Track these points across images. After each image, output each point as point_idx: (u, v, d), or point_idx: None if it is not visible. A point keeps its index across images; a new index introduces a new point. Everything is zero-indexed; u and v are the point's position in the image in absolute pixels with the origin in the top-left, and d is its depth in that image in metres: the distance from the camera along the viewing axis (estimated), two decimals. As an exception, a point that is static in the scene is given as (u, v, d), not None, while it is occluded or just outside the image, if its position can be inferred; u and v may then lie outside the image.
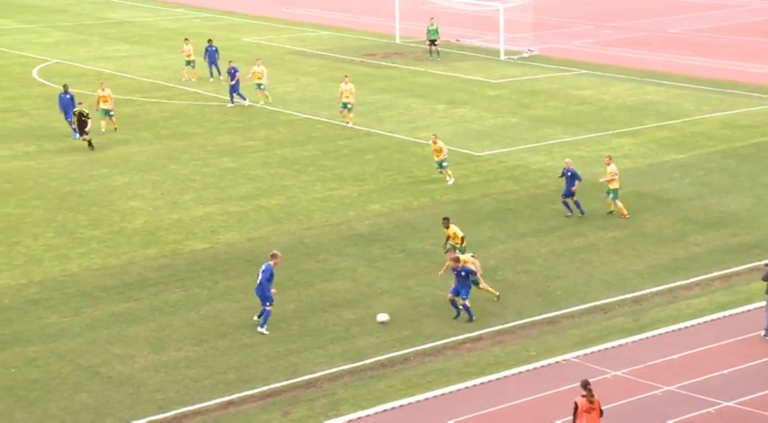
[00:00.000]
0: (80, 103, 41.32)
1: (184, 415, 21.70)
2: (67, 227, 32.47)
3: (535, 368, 23.87)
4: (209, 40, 54.78)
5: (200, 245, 31.21)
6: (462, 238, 29.12)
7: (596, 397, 19.28)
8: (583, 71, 58.46)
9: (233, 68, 48.42)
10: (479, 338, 25.41)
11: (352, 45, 66.70)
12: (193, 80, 53.65)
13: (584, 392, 19.27)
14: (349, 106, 45.03)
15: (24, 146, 41.38)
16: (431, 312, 26.82)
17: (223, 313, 26.51)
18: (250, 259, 30.05)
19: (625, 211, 34.02)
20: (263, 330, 25.35)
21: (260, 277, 25.47)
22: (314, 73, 57.14)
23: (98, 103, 43.50)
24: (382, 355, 24.42)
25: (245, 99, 48.66)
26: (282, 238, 31.89)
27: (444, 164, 37.17)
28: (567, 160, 34.69)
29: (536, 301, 27.64)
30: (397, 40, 67.52)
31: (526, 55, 62.86)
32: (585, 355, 24.48)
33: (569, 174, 33.81)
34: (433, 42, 61.32)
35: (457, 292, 26.36)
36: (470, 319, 26.14)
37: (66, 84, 44.37)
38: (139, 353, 24.34)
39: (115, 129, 43.40)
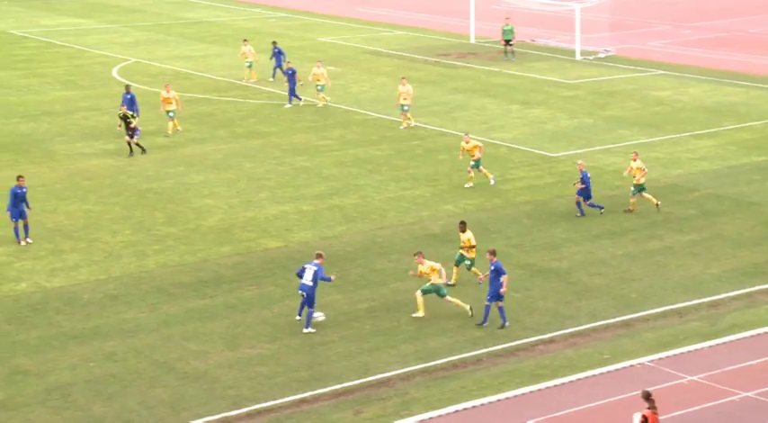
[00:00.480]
0: (123, 106, 41.12)
1: (257, 412, 21.90)
2: (145, 224, 32.96)
3: (609, 371, 23.66)
4: (274, 42, 54.88)
5: (274, 243, 31.47)
6: (473, 247, 28.09)
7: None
8: (660, 72, 57.75)
9: (291, 69, 48.66)
10: (552, 341, 25.26)
11: (426, 45, 66.68)
12: (252, 81, 53.75)
13: (648, 404, 18.97)
14: (405, 108, 44.82)
15: (104, 144, 42.09)
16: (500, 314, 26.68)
17: (296, 311, 26.68)
18: (325, 258, 30.15)
19: (655, 200, 34.03)
20: (310, 330, 25.39)
21: (312, 277, 25.39)
22: (389, 73, 57.24)
23: (163, 105, 43.60)
24: (455, 355, 24.40)
25: (300, 99, 48.81)
26: (355, 237, 32.02)
27: (479, 164, 36.46)
28: (578, 161, 34.23)
29: (610, 303, 27.39)
30: (472, 41, 67.35)
31: (602, 55, 62.27)
32: (660, 359, 24.20)
33: (581, 176, 33.57)
34: (508, 42, 61.04)
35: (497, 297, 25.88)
36: (503, 325, 25.70)
37: (128, 84, 44.70)
38: (214, 349, 24.63)
39: (177, 130, 43.50)
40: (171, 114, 43.43)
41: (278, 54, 53.95)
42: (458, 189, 36.58)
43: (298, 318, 26.01)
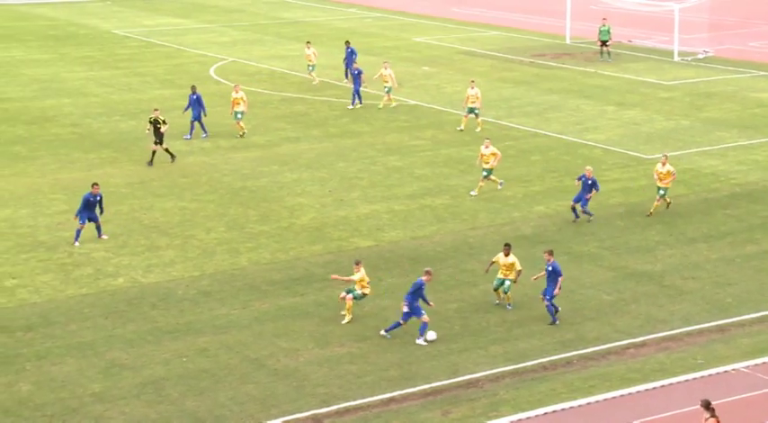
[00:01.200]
0: (156, 110, 40.06)
1: (347, 410, 22.00)
2: (238, 221, 33.37)
3: (702, 377, 23.23)
4: (347, 42, 54.56)
5: (365, 242, 31.59)
6: (519, 271, 26.69)
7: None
8: (761, 73, 56.48)
9: (358, 70, 48.48)
10: (644, 344, 24.90)
11: (521, 45, 66.29)
12: (315, 83, 53.03)
13: (708, 414, 18.51)
14: (477, 111, 44.20)
15: (200, 142, 42.71)
16: (594, 316, 26.43)
17: (386, 311, 26.76)
18: (414, 258, 30.24)
19: (669, 200, 33.48)
20: (421, 342, 24.79)
21: (413, 290, 24.93)
22: (483, 73, 57.04)
23: (232, 106, 43.37)
24: (544, 357, 24.21)
25: (361, 102, 48.48)
26: (447, 237, 31.97)
27: (491, 173, 34.79)
28: (587, 167, 33.34)
29: (704, 308, 26.90)
30: (568, 41, 66.73)
31: (701, 56, 61.16)
32: (756, 365, 23.68)
33: (589, 182, 32.54)
34: (604, 43, 60.35)
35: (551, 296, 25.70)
36: (553, 321, 25.48)
37: (194, 85, 44.51)
38: (304, 347, 24.81)
39: (242, 134, 43.04)
40: (239, 116, 43.09)
41: (350, 54, 53.35)
42: (550, 190, 36.28)
43: (387, 334, 25.19)
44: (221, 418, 21.68)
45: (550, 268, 25.74)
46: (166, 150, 39.63)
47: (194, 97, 42.87)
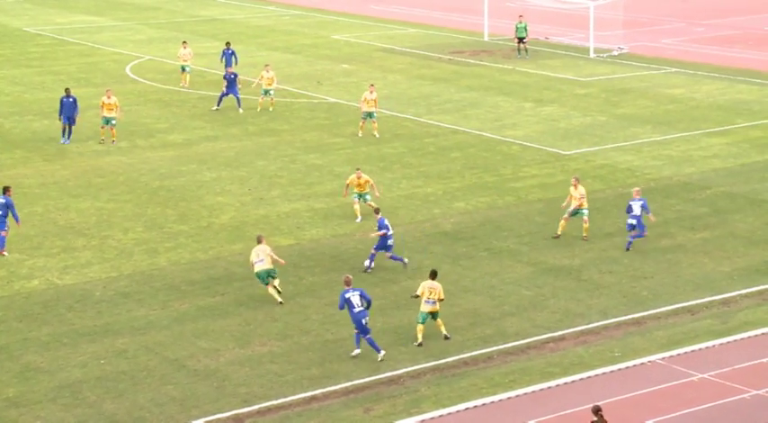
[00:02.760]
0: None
1: (268, 409, 21.94)
2: (157, 221, 33.05)
3: (620, 369, 23.63)
4: (227, 43, 53.10)
5: (285, 241, 31.51)
6: (441, 300, 24.92)
7: None
8: (674, 70, 57.58)
9: (233, 74, 46.88)
10: (562, 338, 25.24)
11: (439, 43, 66.65)
12: (184, 85, 51.66)
13: (596, 418, 18.83)
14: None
15: (117, 141, 42.16)
16: (514, 311, 26.72)
17: (307, 309, 26.74)
18: (335, 256, 30.26)
19: (587, 225, 31.53)
20: (382, 355, 24.04)
21: (361, 301, 24.09)
22: (402, 70, 57.24)
23: (102, 110, 41.65)
24: (465, 353, 24.40)
25: (240, 105, 46.97)
26: (367, 234, 31.98)
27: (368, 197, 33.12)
28: (635, 188, 31.70)
29: (621, 301, 27.35)
30: (486, 38, 67.28)
31: (616, 53, 62.13)
32: (671, 356, 24.16)
33: (639, 203, 30.64)
34: (521, 40, 60.96)
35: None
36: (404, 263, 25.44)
37: (68, 87, 43.23)
38: (225, 347, 24.68)
39: (113, 141, 41.54)
40: (113, 122, 41.31)
41: (230, 56, 51.52)
42: (470, 187, 36.57)
43: (358, 351, 24.17)
44: (141, 420, 21.47)
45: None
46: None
47: (70, 100, 41.47)
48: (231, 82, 46.96)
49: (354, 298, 24.14)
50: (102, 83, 53.72)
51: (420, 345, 24.64)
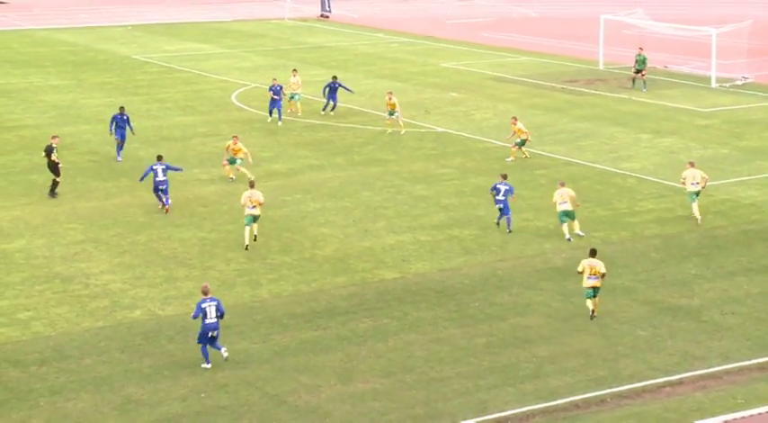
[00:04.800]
0: (54, 137, 39.85)
1: (369, 448, 21.84)
2: (259, 252, 33.36)
3: (743, 417, 22.94)
4: (334, 77, 53.33)
5: (390, 274, 31.51)
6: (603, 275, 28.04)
7: None
8: (802, 99, 56.21)
9: (278, 86, 50.63)
10: (680, 382, 24.65)
11: (552, 71, 66.29)
12: (293, 112, 52.47)
13: None
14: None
15: (221, 170, 42.79)
16: (629, 352, 26.21)
17: (411, 345, 26.64)
18: (441, 291, 30.13)
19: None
20: (207, 366, 25.29)
21: (217, 313, 25.25)
22: (513, 99, 57.05)
23: (227, 152, 41.44)
24: (576, 395, 23.99)
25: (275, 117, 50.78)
26: (475, 269, 31.85)
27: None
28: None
29: (744, 344, 26.62)
30: (601, 67, 66.69)
31: (740, 82, 60.96)
32: (799, 405, 23.39)
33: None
34: (639, 72, 60.20)
35: None
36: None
37: (122, 106, 45.45)
38: (326, 383, 24.70)
39: (231, 178, 41.33)
40: (239, 162, 41.15)
41: (335, 88, 52.18)
42: (582, 220, 36.09)
43: (209, 365, 25.27)
44: (240, 457, 21.58)
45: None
46: (54, 183, 39.00)
47: (125, 118, 44.06)
48: (277, 92, 50.46)
49: (210, 309, 25.23)
50: (208, 111, 54.78)
51: (593, 317, 27.77)
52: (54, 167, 39.27)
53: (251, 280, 31.09)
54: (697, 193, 35.98)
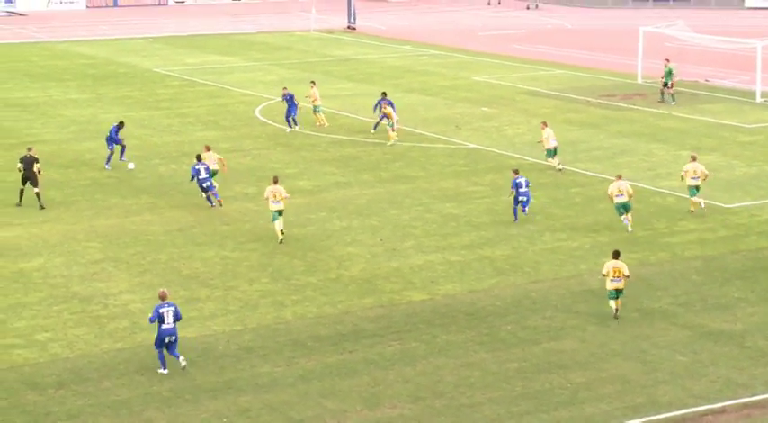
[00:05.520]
0: (30, 148, 41.25)
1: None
2: (283, 272, 33.49)
3: (787, 448, 22.82)
4: (384, 93, 53.40)
5: (418, 296, 31.54)
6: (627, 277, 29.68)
7: None
8: None
9: (289, 94, 52.50)
10: (723, 411, 24.51)
11: (588, 85, 66.24)
12: (321, 125, 53.60)
13: None
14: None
15: (244, 187, 43.05)
16: (668, 379, 26.10)
17: (441, 370, 26.64)
18: (471, 313, 30.13)
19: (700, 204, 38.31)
20: (165, 372, 26.36)
21: (173, 318, 26.39)
22: (546, 114, 56.98)
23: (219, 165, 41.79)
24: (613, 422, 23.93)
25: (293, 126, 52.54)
26: (507, 291, 31.83)
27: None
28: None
29: (790, 371, 26.46)
30: (639, 80, 66.59)
31: (785, 97, 60.68)
32: None
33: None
34: (666, 85, 59.95)
35: None
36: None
37: (122, 121, 47.16)
38: (352, 408, 24.74)
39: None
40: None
41: (386, 106, 51.34)
42: (619, 241, 36.02)
43: (165, 371, 26.30)
44: (262, 485, 21.64)
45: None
46: (37, 195, 40.20)
47: (116, 129, 46.02)
48: (290, 100, 52.34)
49: (168, 314, 26.25)
50: (231, 126, 55.10)
51: (617, 316, 29.42)
52: (33, 178, 40.07)
53: (275, 301, 31.20)
54: (697, 188, 38.61)
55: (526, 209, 38.17)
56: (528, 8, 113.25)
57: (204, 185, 39.84)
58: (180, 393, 25.46)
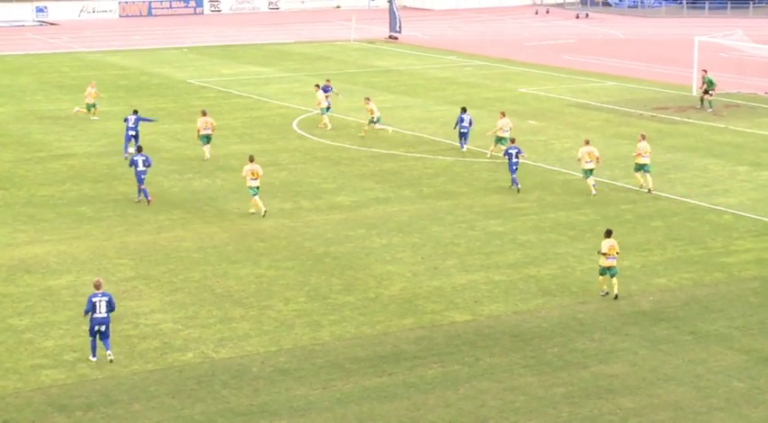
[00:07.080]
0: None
1: None
2: (320, 291, 33.59)
3: None
4: (463, 108, 54.41)
5: (461, 316, 31.52)
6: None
7: None
8: None
9: (328, 87, 57.70)
10: (781, 440, 24.31)
11: (640, 97, 66.01)
12: (329, 127, 56.80)
13: None
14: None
15: (280, 202, 43.24)
16: (724, 406, 25.91)
17: (484, 394, 26.59)
18: (516, 335, 30.07)
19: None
20: (95, 359, 28.25)
21: (106, 307, 28.12)
22: (596, 128, 56.90)
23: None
24: (664, 452, 23.78)
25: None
26: (553, 312, 31.75)
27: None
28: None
29: None
30: (694, 93, 66.28)
31: None
32: None
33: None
34: (706, 92, 60.65)
35: None
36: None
37: (135, 110, 50.82)
38: (391, 433, 24.75)
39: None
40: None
41: (468, 122, 52.12)
42: (673, 261, 35.85)
43: (94, 358, 28.20)
44: None
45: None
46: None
47: (137, 119, 50.11)
48: (327, 90, 56.69)
49: (101, 304, 28.03)
50: (267, 138, 55.40)
51: (606, 294, 32.21)
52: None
53: (311, 321, 31.29)
54: (591, 171, 43.63)
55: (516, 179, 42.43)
56: (578, 17, 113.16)
57: (142, 178, 42.63)
58: (212, 417, 25.57)
